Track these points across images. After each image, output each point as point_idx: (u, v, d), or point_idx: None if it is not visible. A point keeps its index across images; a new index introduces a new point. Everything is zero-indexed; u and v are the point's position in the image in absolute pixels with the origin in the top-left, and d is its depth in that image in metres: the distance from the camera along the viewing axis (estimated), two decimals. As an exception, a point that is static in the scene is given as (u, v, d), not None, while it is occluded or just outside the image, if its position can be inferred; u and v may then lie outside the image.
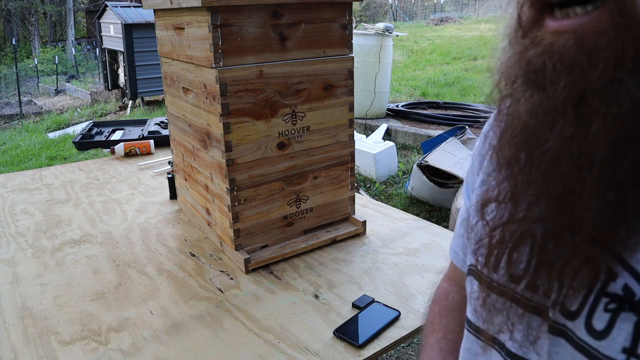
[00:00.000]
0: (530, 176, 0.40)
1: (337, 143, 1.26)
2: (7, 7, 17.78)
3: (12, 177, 1.87)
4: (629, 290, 0.37)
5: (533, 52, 0.39)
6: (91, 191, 1.70)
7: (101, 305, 1.05)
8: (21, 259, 1.25)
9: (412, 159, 4.27)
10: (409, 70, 8.40)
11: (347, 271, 1.16)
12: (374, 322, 0.95)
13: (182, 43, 1.20)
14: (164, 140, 2.16)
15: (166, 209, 1.54)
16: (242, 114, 1.09)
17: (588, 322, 0.39)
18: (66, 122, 7.66)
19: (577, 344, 0.40)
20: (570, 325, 0.41)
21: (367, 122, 5.07)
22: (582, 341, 0.39)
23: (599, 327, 0.38)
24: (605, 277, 0.38)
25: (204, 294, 1.08)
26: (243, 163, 1.13)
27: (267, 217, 1.20)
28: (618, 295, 0.37)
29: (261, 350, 0.89)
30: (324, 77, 1.19)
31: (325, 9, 1.16)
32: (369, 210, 1.48)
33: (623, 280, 0.37)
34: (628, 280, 0.37)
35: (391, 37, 5.10)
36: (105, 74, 8.84)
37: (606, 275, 0.38)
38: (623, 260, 0.37)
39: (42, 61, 14.27)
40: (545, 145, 0.38)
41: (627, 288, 0.37)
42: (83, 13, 19.71)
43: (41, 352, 0.90)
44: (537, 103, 0.38)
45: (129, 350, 0.91)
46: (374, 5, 18.94)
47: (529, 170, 0.40)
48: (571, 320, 0.40)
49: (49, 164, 4.98)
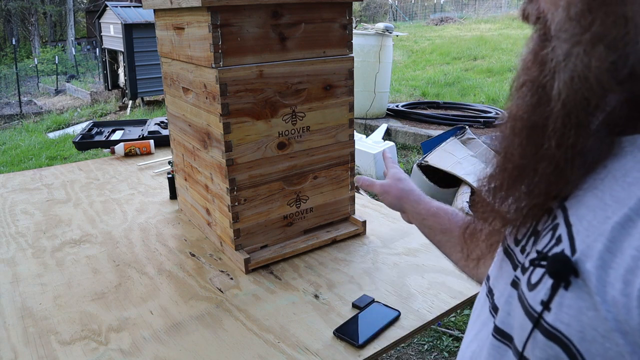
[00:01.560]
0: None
1: (337, 143, 1.26)
2: (7, 7, 17.78)
3: (12, 177, 1.87)
4: (557, 254, 0.43)
5: None
6: (91, 191, 1.70)
7: (101, 305, 1.05)
8: (21, 259, 1.25)
9: (412, 159, 4.27)
10: (409, 70, 8.40)
11: (347, 271, 1.16)
12: (374, 322, 0.95)
13: (182, 43, 1.20)
14: (164, 140, 2.16)
15: (166, 209, 1.54)
16: (242, 114, 1.09)
17: (529, 276, 0.45)
18: (66, 122, 7.66)
19: (519, 295, 0.47)
20: (521, 278, 0.47)
21: (367, 122, 5.07)
22: (522, 292, 0.46)
23: (533, 281, 0.44)
24: (555, 243, 0.44)
25: (204, 294, 1.08)
26: (243, 163, 1.13)
27: (267, 217, 1.20)
28: (556, 255, 0.43)
29: (261, 350, 0.89)
30: (324, 77, 1.19)
31: (325, 9, 1.16)
32: (369, 210, 1.48)
33: (562, 247, 0.43)
34: (565, 248, 0.42)
35: (391, 37, 5.10)
36: (105, 74, 8.84)
37: (555, 241, 0.44)
38: (571, 230, 0.43)
39: (42, 61, 14.27)
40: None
41: (560, 252, 0.43)
42: (83, 13, 19.71)
43: (41, 352, 0.90)
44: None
45: (129, 350, 0.91)
46: (374, 5, 18.94)
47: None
48: (523, 274, 0.47)
49: (49, 164, 4.98)
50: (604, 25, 0.39)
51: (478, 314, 0.58)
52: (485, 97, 6.04)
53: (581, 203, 0.44)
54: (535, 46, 0.47)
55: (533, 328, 0.43)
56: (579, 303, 0.39)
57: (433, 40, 11.00)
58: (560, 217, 0.46)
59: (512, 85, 0.50)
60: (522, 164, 0.48)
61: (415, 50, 10.15)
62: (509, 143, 0.49)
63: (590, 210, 0.42)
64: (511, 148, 0.49)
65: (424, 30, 13.20)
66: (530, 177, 0.48)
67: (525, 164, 0.48)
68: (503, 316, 0.50)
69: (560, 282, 0.41)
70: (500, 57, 8.34)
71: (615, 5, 0.38)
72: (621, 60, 0.39)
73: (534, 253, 0.47)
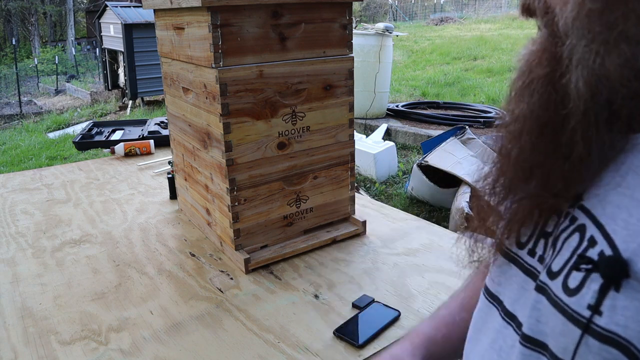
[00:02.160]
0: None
1: (337, 143, 1.26)
2: (7, 7, 17.78)
3: (12, 177, 1.87)
4: (603, 256, 0.42)
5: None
6: (91, 191, 1.70)
7: (101, 305, 1.05)
8: (21, 259, 1.25)
9: (412, 159, 4.27)
10: (409, 70, 8.40)
11: (347, 271, 1.16)
12: (374, 322, 0.95)
13: (182, 43, 1.20)
14: (164, 140, 2.16)
15: (166, 209, 1.54)
16: (242, 114, 1.09)
17: (565, 281, 0.44)
18: (66, 122, 7.66)
19: (552, 300, 0.45)
20: (550, 284, 0.46)
21: (367, 122, 5.07)
22: (557, 297, 0.44)
23: (572, 286, 0.43)
24: (587, 244, 0.43)
25: (204, 294, 1.08)
26: (243, 163, 1.13)
27: (267, 217, 1.20)
28: (591, 259, 0.42)
29: (261, 350, 0.89)
30: (324, 77, 1.19)
31: (325, 9, 1.16)
32: (369, 210, 1.48)
33: (600, 248, 0.42)
34: (604, 248, 0.42)
35: (391, 37, 5.10)
36: (105, 74, 8.84)
37: (588, 243, 0.43)
38: (605, 230, 0.43)
39: (42, 61, 14.27)
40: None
41: (602, 254, 0.42)
42: (83, 13, 19.71)
43: (41, 352, 0.90)
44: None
45: (129, 350, 0.91)
46: (374, 5, 18.94)
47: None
48: (552, 279, 0.46)
49: (49, 164, 4.99)
50: (626, 23, 0.39)
51: (483, 322, 0.57)
52: (485, 97, 6.04)
53: (606, 202, 0.44)
54: (545, 42, 0.46)
55: (583, 334, 0.42)
56: (635, 304, 0.38)
57: (433, 40, 11.00)
58: (584, 218, 0.45)
59: (515, 84, 0.49)
60: (535, 162, 0.47)
61: (415, 50, 10.15)
62: (518, 142, 0.49)
63: (623, 209, 0.42)
64: (520, 147, 0.48)
65: (424, 30, 13.20)
66: (543, 176, 0.47)
67: (539, 163, 0.47)
68: (532, 323, 0.48)
69: (611, 284, 0.40)
70: (500, 57, 8.34)
71: (636, 2, 0.39)
72: (638, 56, 0.40)
73: (562, 257, 0.45)
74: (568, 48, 0.42)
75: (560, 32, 0.44)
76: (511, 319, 0.51)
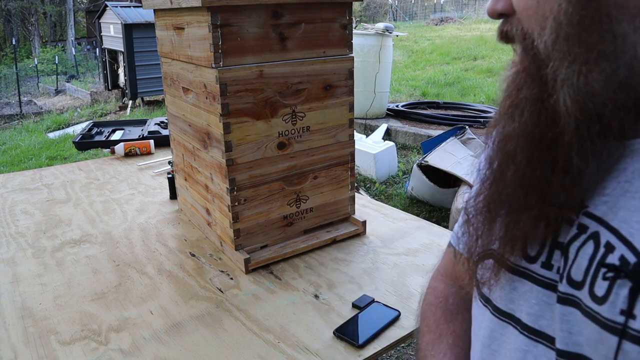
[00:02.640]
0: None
1: (337, 143, 1.26)
2: (7, 7, 17.78)
3: (12, 177, 1.87)
4: (625, 260, 0.42)
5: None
6: (91, 191, 1.70)
7: (101, 305, 1.05)
8: (21, 259, 1.25)
9: (412, 159, 4.27)
10: (409, 70, 8.40)
11: (347, 271, 1.16)
12: (374, 322, 0.95)
13: (182, 43, 1.20)
14: (164, 140, 2.16)
15: (166, 209, 1.54)
16: (242, 114, 1.09)
17: (591, 289, 0.44)
18: (66, 122, 7.66)
19: (584, 310, 0.45)
20: (577, 294, 0.46)
21: (367, 122, 5.07)
22: (588, 307, 0.44)
23: (600, 294, 0.43)
24: (605, 250, 0.44)
25: (204, 294, 1.08)
26: (243, 163, 1.13)
27: (267, 217, 1.20)
28: (615, 265, 0.43)
29: (261, 350, 0.89)
30: (324, 77, 1.19)
31: (325, 9, 1.16)
32: (369, 210, 1.49)
33: (620, 252, 0.43)
34: (624, 252, 0.42)
35: (391, 37, 5.10)
36: (105, 74, 8.84)
37: (605, 249, 0.44)
38: (620, 234, 0.43)
39: (42, 61, 14.27)
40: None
41: (623, 258, 0.42)
42: (83, 13, 19.71)
43: (41, 352, 0.90)
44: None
45: (129, 350, 0.91)
46: (374, 5, 18.94)
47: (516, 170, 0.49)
48: (578, 289, 0.46)
49: (49, 164, 4.99)
50: (604, 43, 0.42)
51: (499, 344, 0.55)
52: (485, 97, 6.04)
53: (617, 207, 0.44)
54: (528, 65, 0.48)
55: (620, 340, 0.42)
56: None
57: (433, 40, 11.00)
58: (595, 225, 0.46)
59: (503, 103, 0.51)
60: (533, 179, 0.48)
61: (415, 50, 10.15)
62: (512, 160, 0.49)
63: (635, 212, 0.43)
64: (516, 165, 0.49)
65: (424, 30, 13.20)
66: (543, 190, 0.48)
67: (537, 178, 0.48)
68: (564, 337, 0.47)
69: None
70: (500, 57, 8.34)
71: (608, 24, 0.41)
72: (617, 71, 0.42)
73: (580, 266, 0.46)
74: (552, 70, 0.44)
75: (541, 55, 0.46)
76: (539, 336, 0.51)
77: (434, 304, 0.73)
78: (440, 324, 0.70)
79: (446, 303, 0.72)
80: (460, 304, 0.71)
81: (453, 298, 0.72)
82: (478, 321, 0.60)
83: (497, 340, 0.55)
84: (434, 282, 0.77)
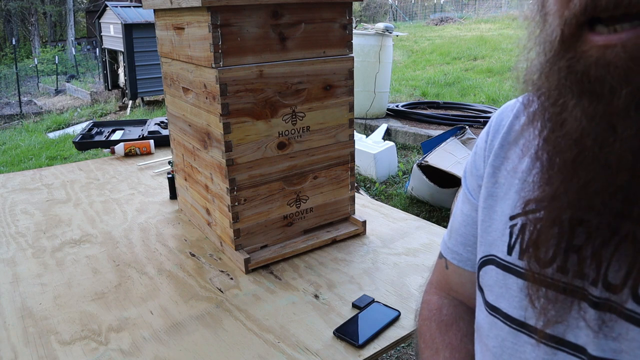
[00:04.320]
0: (595, 173, 0.42)
1: (337, 143, 1.26)
2: (7, 7, 17.78)
3: (12, 177, 1.87)
4: None
5: (583, 64, 0.40)
6: (91, 191, 1.70)
7: (101, 305, 1.05)
8: (21, 259, 1.25)
9: (412, 159, 4.27)
10: (409, 70, 8.40)
11: (347, 271, 1.16)
12: (374, 322, 0.95)
13: (182, 43, 1.20)
14: (164, 140, 2.16)
15: (166, 209, 1.54)
16: (242, 114, 1.09)
17: (634, 292, 0.42)
18: (66, 122, 7.66)
19: (624, 314, 0.43)
20: (615, 298, 0.44)
21: (367, 122, 5.07)
22: (630, 311, 0.43)
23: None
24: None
25: (204, 294, 1.08)
26: (243, 163, 1.13)
27: (267, 217, 1.20)
28: None
29: (261, 350, 0.89)
30: (324, 77, 1.19)
31: (325, 9, 1.16)
32: (369, 210, 1.48)
33: None
34: None
35: (391, 37, 5.10)
36: (105, 74, 8.84)
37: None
38: None
39: (42, 61, 14.27)
40: (612, 146, 0.40)
41: None
42: (83, 13, 19.71)
43: (41, 352, 0.90)
44: (596, 110, 0.40)
45: (129, 350, 0.91)
46: (374, 5, 18.94)
47: (594, 168, 0.41)
48: (615, 293, 0.44)
49: (49, 164, 4.99)
50: None
51: (510, 355, 0.54)
52: (485, 97, 6.04)
53: None
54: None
55: None
56: None
57: (433, 40, 11.00)
58: (629, 225, 0.42)
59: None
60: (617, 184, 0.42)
61: (415, 50, 10.15)
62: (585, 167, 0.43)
63: None
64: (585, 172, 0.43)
65: (424, 30, 13.20)
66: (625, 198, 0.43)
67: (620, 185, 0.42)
68: (601, 344, 0.45)
69: None
70: (500, 57, 8.34)
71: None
72: None
73: (618, 268, 0.44)
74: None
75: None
76: (565, 345, 0.49)
77: (428, 317, 0.72)
78: (435, 338, 0.69)
79: (440, 314, 0.71)
80: (454, 313, 0.70)
81: (447, 308, 0.71)
82: (485, 331, 0.58)
83: (511, 350, 0.54)
84: (427, 296, 0.76)
